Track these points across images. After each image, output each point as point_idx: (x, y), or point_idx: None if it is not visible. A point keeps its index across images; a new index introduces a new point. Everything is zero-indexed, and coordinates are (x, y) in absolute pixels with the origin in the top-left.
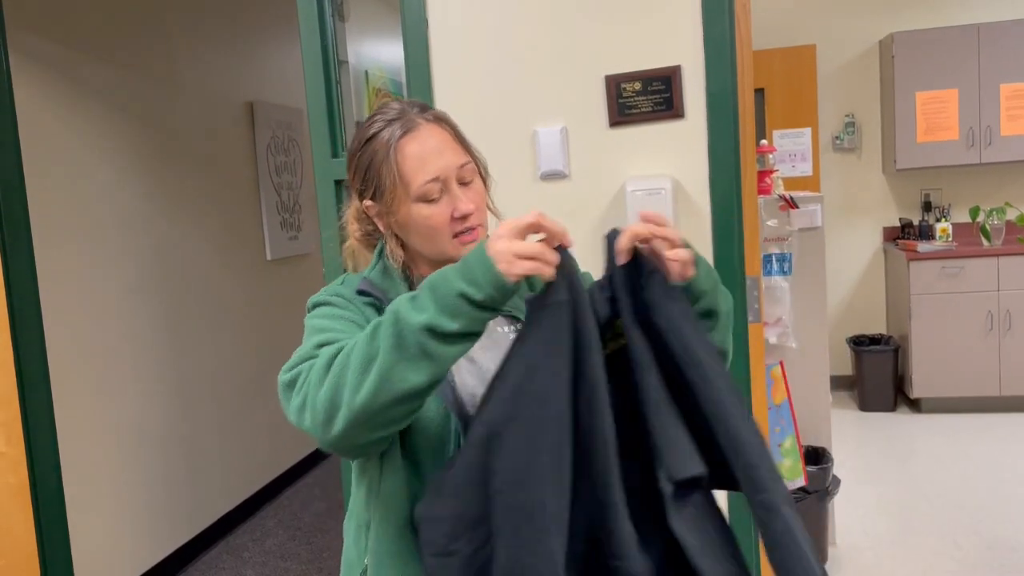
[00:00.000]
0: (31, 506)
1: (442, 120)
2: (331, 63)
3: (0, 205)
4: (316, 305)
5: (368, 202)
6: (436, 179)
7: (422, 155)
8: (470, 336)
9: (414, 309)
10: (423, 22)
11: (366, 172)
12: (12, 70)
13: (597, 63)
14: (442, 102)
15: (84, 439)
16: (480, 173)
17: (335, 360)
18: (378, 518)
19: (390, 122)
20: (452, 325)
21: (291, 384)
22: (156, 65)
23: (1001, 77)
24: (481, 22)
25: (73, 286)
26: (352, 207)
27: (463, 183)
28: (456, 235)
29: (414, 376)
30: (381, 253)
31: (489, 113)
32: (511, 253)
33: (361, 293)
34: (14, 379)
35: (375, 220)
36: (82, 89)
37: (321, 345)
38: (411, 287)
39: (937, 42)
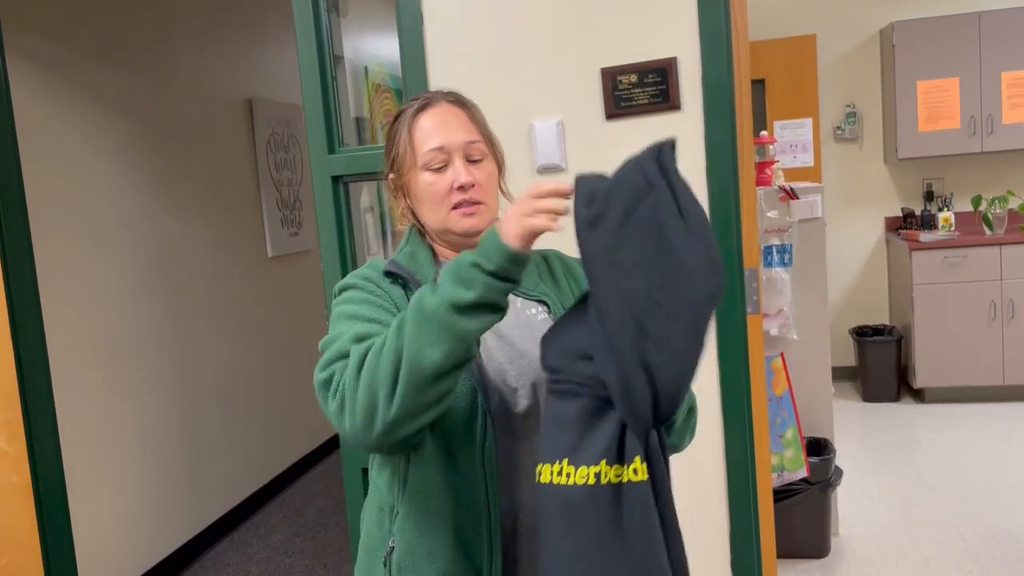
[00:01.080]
0: (34, 505)
1: (462, 103)
2: (327, 59)
3: (0, 204)
4: (343, 289)
5: (392, 175)
6: (440, 148)
7: (432, 127)
8: (489, 308)
9: (433, 293)
10: (419, 16)
11: (391, 146)
12: (10, 70)
13: (593, 56)
14: None
15: (87, 437)
16: (495, 157)
17: (366, 360)
18: (407, 500)
19: (415, 100)
20: (469, 294)
21: (327, 384)
22: (154, 63)
23: (1002, 65)
24: (477, 16)
25: (73, 285)
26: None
27: (470, 159)
28: (455, 206)
29: (439, 354)
30: (410, 236)
31: (485, 107)
32: (508, 222)
33: (388, 275)
34: (15, 378)
35: (397, 191)
36: (80, 88)
37: (354, 338)
38: (436, 271)
39: (938, 31)
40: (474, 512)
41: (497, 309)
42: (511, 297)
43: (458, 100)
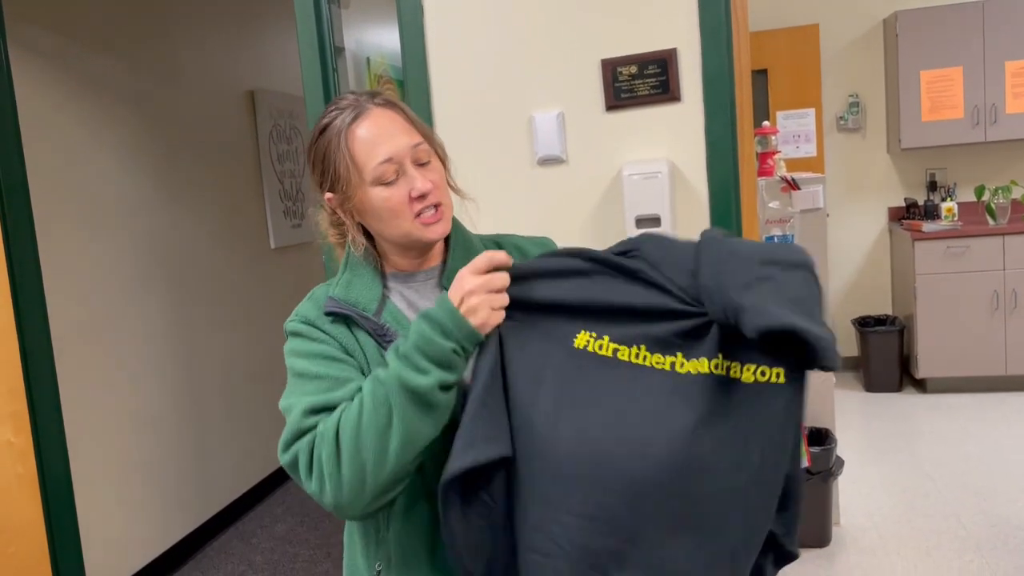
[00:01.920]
0: (40, 495)
1: (392, 104)
2: (327, 50)
3: (3, 196)
4: (289, 334)
5: (328, 194)
6: (389, 160)
7: (373, 138)
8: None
9: (418, 372)
10: (419, 8)
11: (323, 164)
12: (12, 61)
13: (593, 47)
14: (439, 88)
15: (91, 428)
16: (438, 154)
17: (339, 437)
18: (391, 524)
19: (341, 111)
20: (452, 377)
21: (294, 466)
22: (156, 54)
23: (1006, 54)
24: (477, 7)
25: (77, 276)
26: (325, 213)
27: (419, 163)
28: (418, 215)
29: (432, 429)
30: (347, 264)
31: (486, 99)
32: (480, 309)
33: (330, 314)
34: (20, 370)
35: (338, 212)
36: (83, 80)
37: (306, 412)
38: (384, 286)
39: (941, 20)
40: None
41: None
42: None
43: (388, 102)
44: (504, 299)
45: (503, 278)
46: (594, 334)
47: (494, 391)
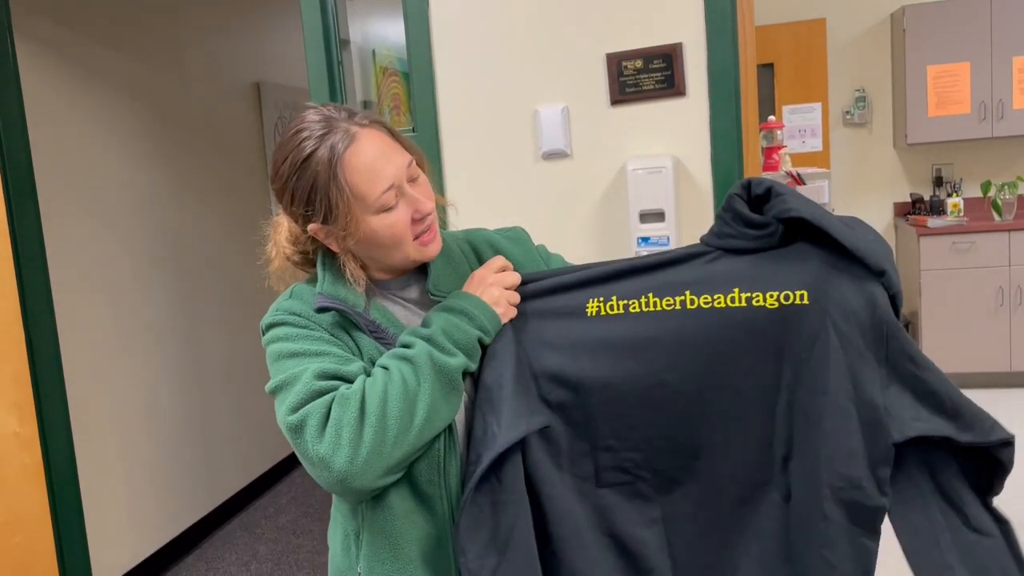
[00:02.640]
0: (45, 485)
1: (376, 122)
2: (333, 42)
3: (9, 187)
4: (270, 326)
5: (315, 226)
6: (393, 187)
7: (371, 167)
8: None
9: (446, 354)
10: (424, 2)
11: (309, 196)
12: (18, 53)
13: (598, 41)
14: (443, 82)
15: (97, 419)
16: (422, 166)
17: (365, 402)
18: (370, 526)
19: (322, 138)
20: (473, 365)
21: (300, 428)
22: (162, 46)
23: (1014, 50)
24: (482, 1)
25: (83, 267)
26: (284, 230)
27: (412, 180)
28: (416, 237)
29: (450, 412)
30: (325, 268)
31: (490, 93)
32: (499, 304)
33: (322, 310)
34: (26, 360)
35: (325, 243)
36: (88, 71)
37: (318, 375)
38: (365, 292)
39: (949, 15)
40: (439, 534)
41: None
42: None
43: (372, 121)
44: (516, 296)
45: (515, 276)
46: (601, 298)
47: (521, 372)
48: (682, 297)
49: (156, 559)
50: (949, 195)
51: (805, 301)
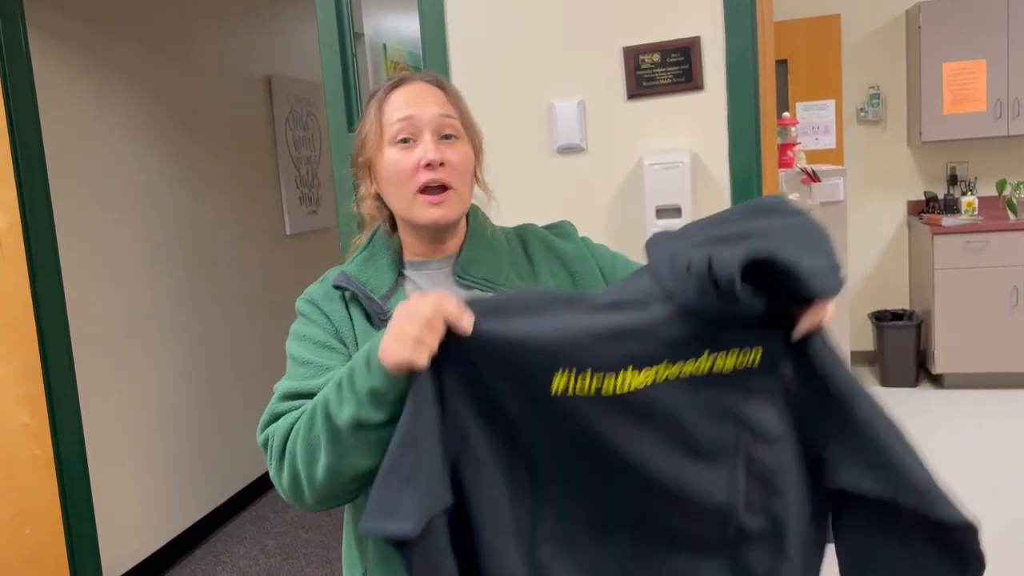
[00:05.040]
0: (56, 477)
1: (439, 83)
2: (347, 36)
3: (22, 180)
4: (298, 312)
5: (359, 160)
6: (408, 117)
7: (403, 102)
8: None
9: (339, 403)
10: None
11: (361, 126)
12: (31, 45)
13: (615, 34)
14: (458, 76)
15: (107, 412)
16: (473, 144)
17: (286, 444)
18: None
19: (388, 80)
20: (378, 416)
21: (265, 446)
22: (174, 39)
23: None
24: None
25: (94, 260)
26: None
27: (442, 137)
28: (422, 190)
29: (361, 461)
30: (372, 238)
31: (506, 87)
32: (391, 339)
33: (337, 288)
34: (37, 352)
35: (363, 175)
36: (101, 64)
37: (282, 396)
38: (400, 272)
39: (965, 11)
40: None
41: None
42: (478, 293)
43: (436, 80)
44: (434, 336)
45: (455, 311)
46: (573, 370)
47: (436, 430)
48: (658, 367)
49: (165, 552)
50: (963, 194)
51: (756, 364)
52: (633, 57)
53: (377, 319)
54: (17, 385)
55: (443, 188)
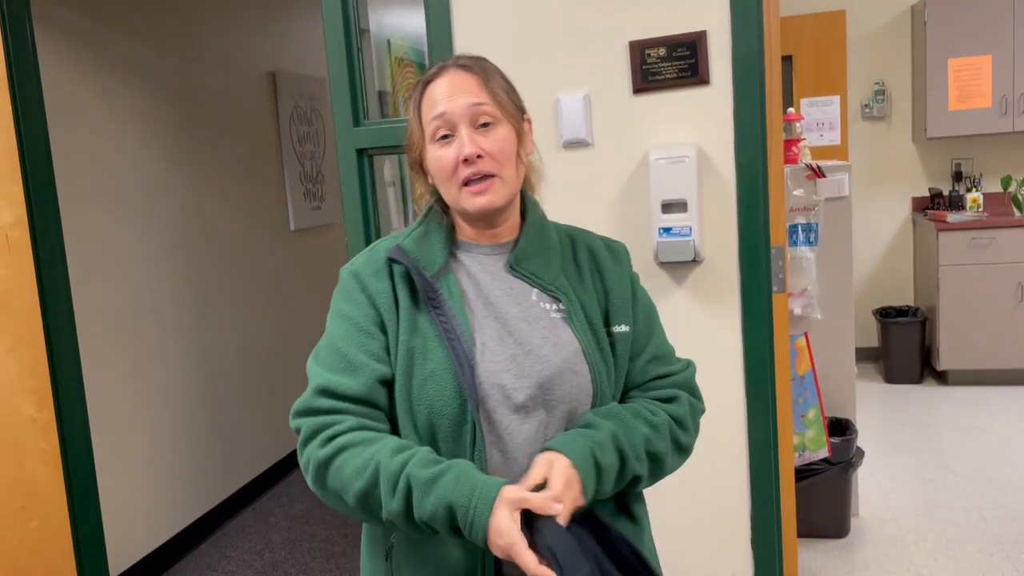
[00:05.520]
0: (62, 470)
1: (472, 68)
2: (352, 32)
3: (28, 174)
4: (340, 281)
5: (411, 159)
6: (441, 115)
7: (437, 96)
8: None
9: (420, 498)
10: None
11: (407, 129)
12: (37, 41)
13: (621, 28)
14: None
15: (113, 406)
16: (512, 123)
17: (329, 469)
18: None
19: (424, 74)
20: (428, 530)
21: (297, 432)
22: (179, 35)
23: None
24: None
25: (100, 255)
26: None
27: (477, 126)
28: (465, 183)
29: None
30: (427, 215)
31: (511, 80)
32: (502, 538)
33: (391, 261)
34: (44, 347)
35: (417, 172)
36: (106, 60)
37: (317, 391)
38: (451, 253)
39: (971, 7)
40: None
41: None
42: (526, 286)
43: (469, 65)
44: (518, 550)
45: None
46: None
47: None
48: None
49: (170, 546)
50: (968, 190)
51: None
52: (639, 51)
53: (425, 297)
54: (24, 379)
55: (486, 177)
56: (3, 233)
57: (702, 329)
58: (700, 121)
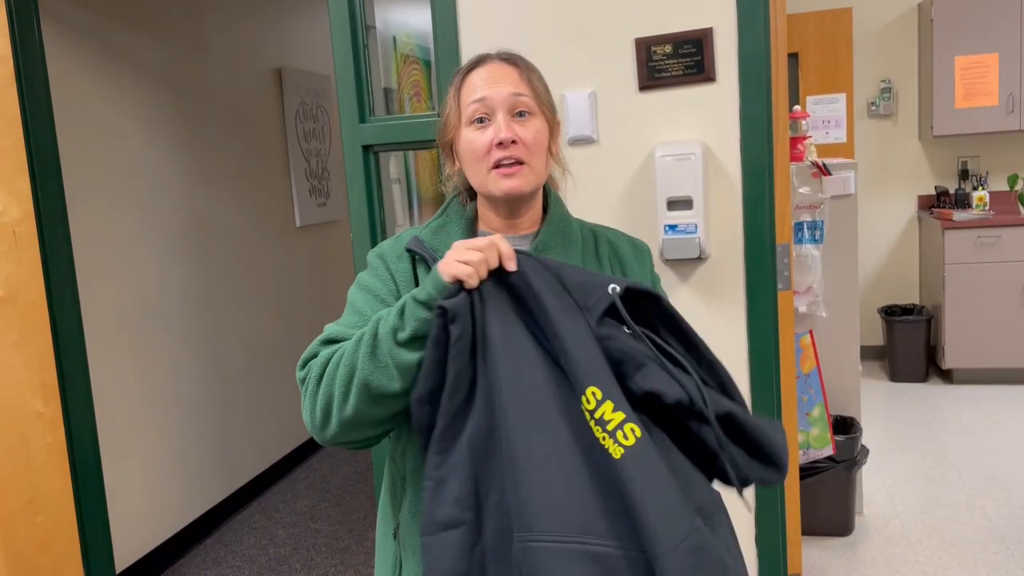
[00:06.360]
0: (68, 466)
1: (513, 60)
2: (359, 28)
3: (35, 171)
4: (368, 264)
5: (443, 141)
6: (482, 100)
7: (479, 83)
8: (422, 339)
9: (388, 319)
10: None
11: (443, 108)
12: (45, 37)
13: (627, 25)
14: None
15: (119, 402)
16: (547, 119)
17: (327, 368)
18: (411, 479)
19: (466, 63)
20: (405, 331)
21: (303, 382)
22: (185, 31)
23: None
24: None
25: (106, 251)
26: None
27: (516, 114)
28: (496, 165)
29: (387, 382)
30: (448, 205)
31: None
32: (452, 259)
33: (409, 251)
34: (51, 341)
35: (447, 155)
36: (113, 55)
37: (324, 340)
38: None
39: (978, 5)
40: None
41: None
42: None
43: (511, 58)
44: (474, 258)
45: (501, 246)
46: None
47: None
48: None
49: (175, 541)
50: (975, 188)
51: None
52: (645, 48)
53: None
54: (32, 374)
55: (517, 163)
56: (10, 228)
57: (707, 326)
58: (706, 118)
